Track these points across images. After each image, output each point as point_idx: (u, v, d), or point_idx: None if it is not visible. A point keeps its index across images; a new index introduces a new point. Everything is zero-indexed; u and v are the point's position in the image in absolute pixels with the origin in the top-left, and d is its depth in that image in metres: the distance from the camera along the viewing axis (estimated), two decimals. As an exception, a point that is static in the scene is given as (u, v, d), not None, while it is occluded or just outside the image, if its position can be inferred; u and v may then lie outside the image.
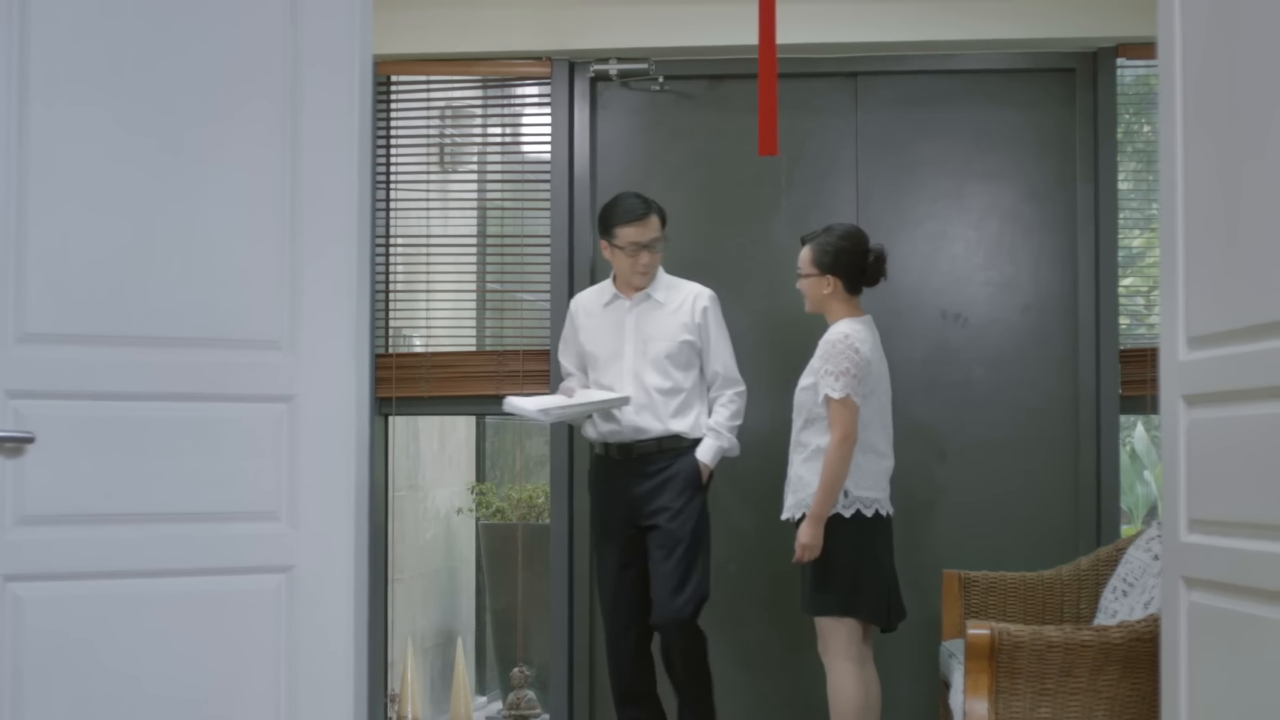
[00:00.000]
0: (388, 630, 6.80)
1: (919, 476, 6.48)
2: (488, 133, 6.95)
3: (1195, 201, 3.53)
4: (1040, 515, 6.44)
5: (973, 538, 6.42)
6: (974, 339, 6.49)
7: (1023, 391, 6.47)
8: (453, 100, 6.90)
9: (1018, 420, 6.46)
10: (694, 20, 6.42)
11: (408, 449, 7.43)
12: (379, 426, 6.71)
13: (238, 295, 3.73)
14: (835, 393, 5.29)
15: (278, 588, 3.76)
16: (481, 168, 6.91)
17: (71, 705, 3.55)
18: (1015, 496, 6.44)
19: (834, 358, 5.32)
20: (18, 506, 3.50)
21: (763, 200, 6.56)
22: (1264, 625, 3.17)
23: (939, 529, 6.47)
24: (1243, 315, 3.28)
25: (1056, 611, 5.70)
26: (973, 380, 6.49)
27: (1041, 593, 5.73)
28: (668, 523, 5.71)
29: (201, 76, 3.70)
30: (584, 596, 6.55)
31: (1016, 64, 6.50)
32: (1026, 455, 6.44)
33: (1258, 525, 3.19)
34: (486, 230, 6.86)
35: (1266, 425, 3.15)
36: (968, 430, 6.48)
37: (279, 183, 3.78)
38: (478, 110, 6.95)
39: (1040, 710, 4.32)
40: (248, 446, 3.74)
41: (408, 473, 7.37)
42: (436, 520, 7.61)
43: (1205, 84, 3.51)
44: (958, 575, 5.81)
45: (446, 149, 6.93)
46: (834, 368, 5.31)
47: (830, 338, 5.39)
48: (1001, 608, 5.70)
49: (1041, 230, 6.48)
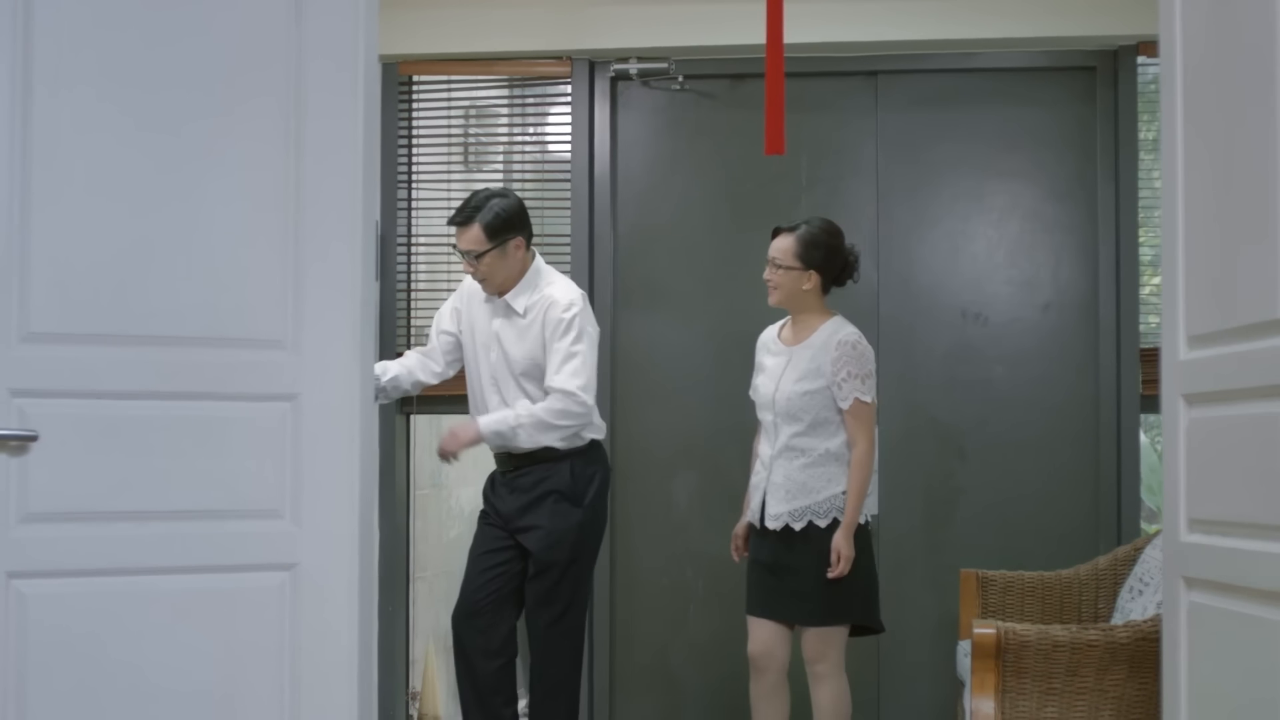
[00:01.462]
0: (409, 628, 6.83)
1: (939, 476, 6.47)
2: (509, 133, 6.96)
3: (1194, 200, 3.52)
4: (1061, 515, 6.42)
5: (993, 537, 6.41)
6: (994, 338, 6.47)
7: (1043, 390, 6.45)
8: (475, 100, 6.92)
9: (1038, 419, 6.44)
10: (714, 19, 6.43)
11: (430, 447, 7.45)
12: (400, 425, 6.74)
13: (241, 294, 3.74)
14: (867, 397, 5.22)
15: (281, 585, 3.77)
16: (505, 167, 6.92)
17: (75, 701, 3.57)
18: (1036, 496, 6.42)
19: (858, 360, 5.24)
20: (21, 504, 3.51)
21: (782, 199, 6.55)
22: (1261, 625, 3.16)
23: (959, 529, 6.46)
24: (1240, 314, 3.27)
25: (1074, 611, 5.68)
26: (993, 379, 6.48)
27: (1059, 592, 5.71)
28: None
29: (204, 74, 3.71)
30: (602, 594, 6.56)
31: (1037, 62, 6.49)
32: (1047, 454, 6.43)
33: (1255, 525, 3.18)
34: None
35: (1263, 425, 3.13)
36: (988, 429, 6.47)
37: (282, 180, 3.79)
38: (498, 110, 6.97)
39: (1047, 709, 4.31)
40: (251, 445, 3.75)
41: (431, 471, 7.38)
42: (460, 519, 7.62)
43: (1204, 83, 3.50)
44: (975, 575, 5.79)
45: (470, 149, 6.95)
46: (859, 370, 5.22)
47: (846, 339, 5.27)
48: (1019, 607, 5.69)
49: (1062, 229, 6.46)
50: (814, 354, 5.28)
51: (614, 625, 6.63)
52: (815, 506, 5.22)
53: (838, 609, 5.25)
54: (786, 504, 5.25)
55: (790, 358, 5.34)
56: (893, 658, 6.45)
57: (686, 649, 6.57)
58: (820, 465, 5.23)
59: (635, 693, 6.64)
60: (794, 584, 5.25)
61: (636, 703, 6.64)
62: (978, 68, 6.53)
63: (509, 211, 5.37)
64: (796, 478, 5.25)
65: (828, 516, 5.22)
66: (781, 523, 5.25)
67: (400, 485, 6.74)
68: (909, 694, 6.44)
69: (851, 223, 6.49)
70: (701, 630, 6.55)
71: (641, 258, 6.65)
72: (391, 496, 6.66)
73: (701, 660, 6.50)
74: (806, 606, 5.26)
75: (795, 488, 5.24)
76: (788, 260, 5.30)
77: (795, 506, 5.24)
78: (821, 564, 5.19)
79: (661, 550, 6.56)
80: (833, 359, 5.24)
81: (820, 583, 5.20)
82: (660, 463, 6.49)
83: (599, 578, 6.56)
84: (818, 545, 5.21)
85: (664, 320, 6.58)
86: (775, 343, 5.44)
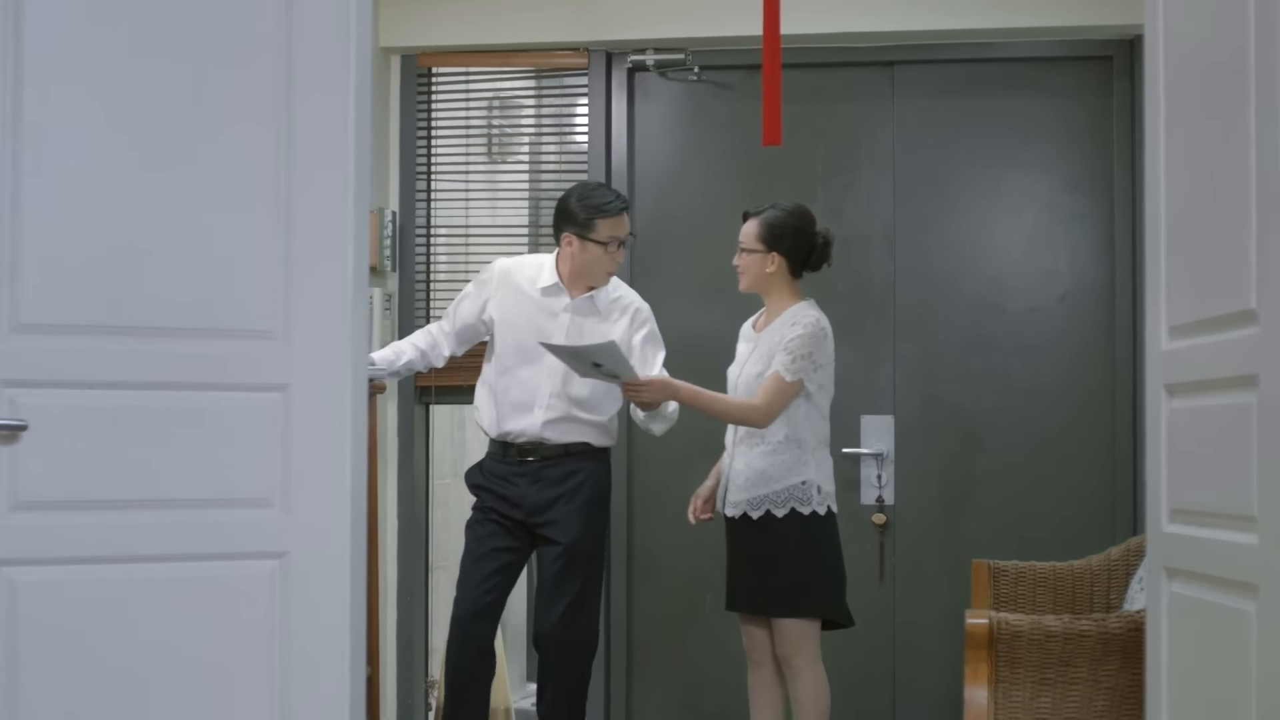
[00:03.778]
0: (428, 616, 6.87)
1: (956, 467, 6.47)
2: (527, 124, 6.99)
3: (1176, 192, 3.53)
4: (1078, 505, 6.41)
5: (1010, 528, 6.39)
6: (1011, 328, 6.46)
7: (1060, 381, 6.43)
8: (499, 91, 6.95)
9: (1055, 409, 6.42)
10: (730, 9, 6.42)
11: (453, 437, 7.50)
12: (419, 415, 6.78)
13: (231, 286, 3.77)
14: (789, 375, 5.10)
15: (271, 573, 3.80)
16: (532, 159, 6.95)
17: (66, 687, 3.61)
18: (1053, 486, 6.40)
19: (806, 340, 5.13)
20: (12, 492, 3.55)
21: (799, 190, 6.52)
22: (1232, 615, 3.16)
23: (975, 520, 6.45)
24: (1215, 305, 3.27)
25: (1086, 602, 5.67)
26: (1010, 370, 6.46)
27: (1071, 583, 5.69)
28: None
29: (195, 65, 3.74)
30: (620, 584, 6.59)
31: (1053, 52, 6.46)
32: (1064, 445, 6.41)
33: (1227, 515, 3.19)
34: (525, 220, 6.89)
35: (1233, 415, 3.14)
36: (1005, 420, 6.45)
37: (273, 171, 3.80)
38: (517, 102, 7.00)
39: (1041, 700, 4.31)
40: (241, 435, 3.78)
41: (454, 461, 7.43)
42: (483, 509, 7.66)
43: (1186, 78, 3.50)
44: (987, 565, 5.78)
45: (494, 139, 6.98)
46: (800, 349, 5.11)
47: (807, 323, 5.17)
48: (1031, 598, 5.68)
49: (1079, 220, 6.44)
50: (774, 338, 5.22)
51: (631, 615, 6.65)
52: (773, 495, 5.15)
53: (800, 602, 5.17)
54: (745, 492, 5.20)
55: (756, 344, 5.30)
56: (909, 649, 6.45)
57: (703, 639, 6.58)
58: (781, 453, 5.15)
59: (652, 682, 6.66)
60: (757, 575, 5.21)
61: (653, 692, 6.66)
62: (994, 58, 6.51)
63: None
64: (756, 465, 5.18)
65: (785, 506, 5.14)
66: (740, 510, 5.21)
67: (419, 474, 6.78)
68: (925, 685, 6.44)
69: (868, 213, 6.52)
70: (718, 620, 6.55)
71: (658, 248, 6.66)
72: (410, 486, 6.70)
73: (718, 650, 6.51)
74: (771, 598, 5.21)
75: (755, 475, 5.18)
76: (750, 243, 5.27)
77: (754, 495, 5.18)
78: (779, 554, 5.14)
79: (678, 540, 6.57)
80: (785, 337, 5.17)
81: (781, 574, 5.15)
82: (677, 453, 6.50)
83: (616, 567, 6.60)
84: (776, 535, 5.15)
85: (680, 311, 6.59)
86: (749, 330, 5.42)
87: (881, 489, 6.49)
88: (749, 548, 5.22)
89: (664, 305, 6.62)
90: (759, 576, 5.20)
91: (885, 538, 6.48)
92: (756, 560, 5.19)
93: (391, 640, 6.64)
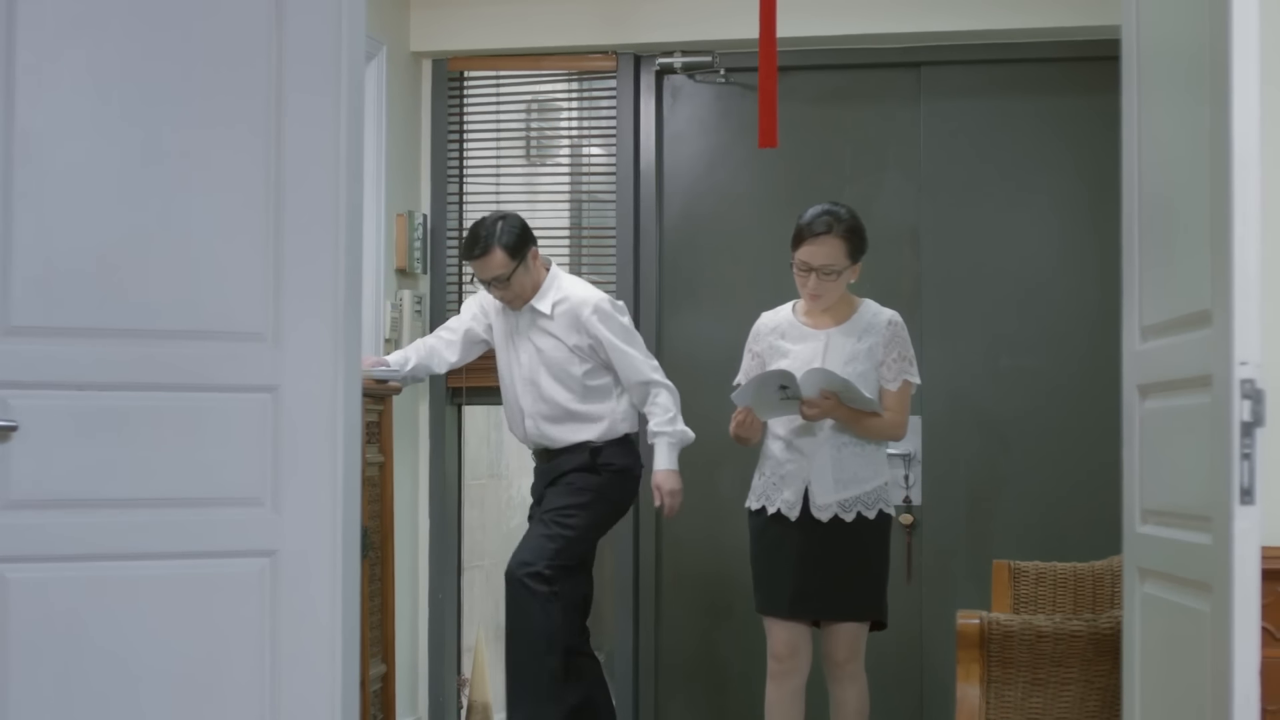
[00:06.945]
0: (460, 616, 6.93)
1: (982, 467, 6.46)
2: (561, 127, 7.04)
3: (1147, 195, 3.53)
4: (1106, 506, 6.31)
5: (1037, 529, 6.38)
6: (1038, 329, 6.44)
7: (1087, 381, 6.39)
8: (534, 95, 7.00)
9: (1082, 409, 6.39)
10: (757, 12, 6.43)
11: (489, 438, 7.57)
12: (451, 416, 6.84)
13: (221, 288, 3.82)
14: (917, 379, 5.15)
15: (261, 571, 3.85)
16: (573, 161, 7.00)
17: (57, 685, 3.67)
18: (1080, 487, 6.37)
19: (907, 342, 5.15)
20: (3, 491, 3.62)
21: (825, 191, 6.49)
22: (1192, 616, 3.16)
23: (1003, 520, 6.44)
24: (1178, 305, 3.28)
25: (1106, 602, 5.65)
26: (1037, 370, 6.44)
27: (1091, 583, 5.68)
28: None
29: (185, 69, 3.79)
30: (649, 582, 6.63)
31: (1079, 53, 6.43)
32: (1091, 445, 6.36)
33: (1186, 515, 3.20)
34: (556, 223, 6.93)
35: (1193, 415, 3.14)
36: (1032, 421, 6.44)
37: (264, 174, 3.84)
38: (557, 105, 7.05)
39: (1033, 699, 4.31)
40: (231, 435, 3.83)
41: (490, 462, 7.50)
42: (520, 508, 7.72)
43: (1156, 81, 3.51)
44: (1007, 565, 5.76)
45: (532, 142, 7.04)
46: (908, 351, 5.14)
47: (895, 319, 5.14)
48: (1051, 598, 5.66)
49: (1107, 219, 6.39)
50: (861, 334, 5.12)
51: (659, 615, 6.68)
52: (865, 497, 5.05)
53: (869, 604, 5.09)
54: (836, 494, 5.04)
55: (827, 341, 5.13)
56: (935, 650, 6.44)
57: (731, 639, 6.61)
58: (871, 454, 5.08)
59: (680, 681, 6.69)
60: (844, 578, 5.05)
61: (681, 691, 6.69)
62: (1021, 59, 6.49)
63: (518, 227, 5.62)
64: (849, 465, 5.05)
65: (874, 508, 5.07)
66: (830, 513, 5.03)
67: (451, 475, 6.84)
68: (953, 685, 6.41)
69: (894, 213, 6.52)
70: (746, 620, 6.56)
71: (687, 252, 6.69)
72: (442, 486, 6.76)
73: (747, 650, 6.53)
74: (844, 601, 5.07)
75: (847, 477, 5.04)
76: (840, 262, 5.07)
77: (844, 497, 5.04)
78: (861, 557, 5.06)
79: (707, 542, 6.60)
80: (885, 339, 5.10)
81: (871, 576, 5.09)
82: (705, 456, 6.52)
83: (645, 570, 6.63)
84: (868, 538, 5.07)
85: (709, 313, 6.62)
86: (798, 327, 5.20)
87: (909, 489, 6.48)
88: (835, 551, 5.06)
89: (690, 306, 6.67)
90: (846, 580, 5.06)
91: (913, 538, 6.48)
92: (845, 563, 5.05)
93: (424, 639, 6.71)
